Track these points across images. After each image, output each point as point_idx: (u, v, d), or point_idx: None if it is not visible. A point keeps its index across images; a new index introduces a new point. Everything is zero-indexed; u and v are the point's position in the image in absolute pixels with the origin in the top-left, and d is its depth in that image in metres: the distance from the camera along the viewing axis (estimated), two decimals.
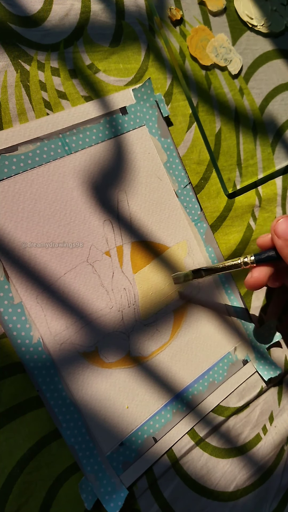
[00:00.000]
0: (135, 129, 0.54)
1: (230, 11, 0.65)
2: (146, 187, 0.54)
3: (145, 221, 0.54)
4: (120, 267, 0.52)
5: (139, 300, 0.53)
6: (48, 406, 0.46)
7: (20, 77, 0.49)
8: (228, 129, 0.63)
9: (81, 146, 0.50)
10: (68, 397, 0.47)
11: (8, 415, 0.45)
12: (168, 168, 0.56)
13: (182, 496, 0.53)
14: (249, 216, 0.64)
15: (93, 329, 0.50)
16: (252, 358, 0.59)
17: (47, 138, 0.49)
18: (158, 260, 0.54)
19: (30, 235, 0.47)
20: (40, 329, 0.47)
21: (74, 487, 0.47)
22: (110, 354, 0.50)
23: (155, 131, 0.55)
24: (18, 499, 0.45)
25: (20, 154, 0.47)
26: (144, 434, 0.51)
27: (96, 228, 0.51)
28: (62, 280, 0.49)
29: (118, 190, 0.52)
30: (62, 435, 0.46)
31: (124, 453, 0.49)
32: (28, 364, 0.45)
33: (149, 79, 0.55)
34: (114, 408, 0.50)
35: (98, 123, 0.52)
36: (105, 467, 0.48)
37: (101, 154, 0.52)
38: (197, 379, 0.55)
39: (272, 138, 0.68)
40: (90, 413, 0.49)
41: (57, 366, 0.47)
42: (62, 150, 0.49)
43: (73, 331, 0.49)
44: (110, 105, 0.53)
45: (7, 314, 0.45)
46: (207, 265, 0.55)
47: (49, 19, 0.51)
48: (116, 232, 0.52)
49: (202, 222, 0.58)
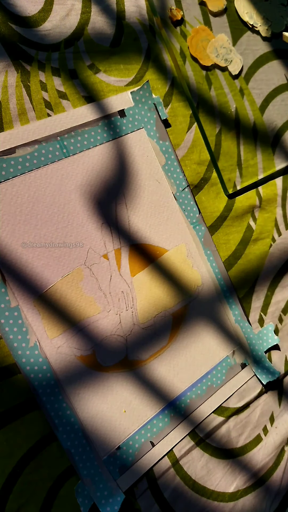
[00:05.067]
0: (134, 132, 0.54)
1: (230, 11, 0.64)
2: (145, 190, 0.54)
3: (143, 224, 0.54)
4: (118, 270, 0.52)
5: (137, 303, 0.52)
6: (44, 410, 0.46)
7: (21, 77, 0.49)
8: (229, 130, 0.63)
9: (79, 149, 0.50)
10: (64, 400, 0.47)
11: (8, 415, 0.45)
12: (166, 171, 0.56)
13: (182, 496, 0.53)
14: (249, 216, 0.64)
15: (90, 333, 0.50)
16: (250, 361, 0.59)
17: (45, 140, 0.48)
18: (157, 263, 0.54)
19: (28, 238, 0.47)
20: (36, 332, 0.47)
21: (74, 487, 0.47)
22: (107, 358, 0.50)
23: (153, 134, 0.55)
24: (18, 499, 0.45)
25: (18, 156, 0.47)
26: (142, 438, 0.51)
27: (94, 231, 0.51)
28: (60, 283, 0.48)
29: (116, 193, 0.52)
30: (58, 438, 0.46)
31: (121, 457, 0.49)
32: (24, 367, 0.45)
33: (147, 82, 0.54)
34: (111, 412, 0.50)
35: (96, 125, 0.51)
36: (102, 471, 0.47)
37: (99, 156, 0.52)
38: (196, 383, 0.55)
39: (272, 139, 0.67)
40: (86, 416, 0.48)
41: (53, 369, 0.47)
42: (60, 153, 0.49)
43: (70, 335, 0.48)
44: (109, 108, 0.53)
45: (3, 318, 0.45)
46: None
47: (49, 19, 0.51)
48: (114, 235, 0.52)
49: (200, 225, 0.57)
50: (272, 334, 0.62)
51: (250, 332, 0.60)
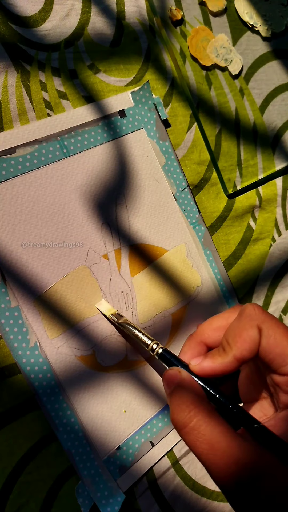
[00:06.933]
0: (134, 132, 0.54)
1: (230, 11, 0.64)
2: (145, 190, 0.54)
3: (143, 224, 0.54)
4: (118, 270, 0.52)
5: (137, 303, 0.52)
6: (44, 410, 0.46)
7: (21, 77, 0.49)
8: (229, 130, 0.63)
9: (79, 149, 0.50)
10: (64, 401, 0.47)
11: (8, 415, 0.45)
12: (166, 171, 0.56)
13: (182, 496, 0.53)
14: (249, 216, 0.64)
15: (90, 333, 0.50)
16: None
17: (46, 140, 0.48)
18: (156, 264, 0.54)
19: (28, 238, 0.47)
20: (37, 332, 0.46)
21: (75, 487, 0.47)
22: (107, 358, 0.50)
23: (153, 134, 0.55)
24: (18, 499, 0.45)
25: (19, 156, 0.47)
26: (142, 438, 0.51)
27: (94, 231, 0.51)
28: (60, 284, 0.48)
29: (116, 193, 0.52)
30: (58, 439, 0.46)
31: (121, 458, 0.49)
32: (24, 368, 0.45)
33: (148, 82, 0.54)
34: (111, 412, 0.50)
35: (96, 125, 0.51)
36: (102, 472, 0.47)
37: (100, 157, 0.52)
38: None
39: (272, 139, 0.67)
40: (86, 417, 0.48)
41: (54, 370, 0.47)
42: (61, 153, 0.49)
43: (70, 335, 0.48)
44: (109, 108, 0.53)
45: (3, 318, 0.45)
46: (129, 322, 0.48)
47: (49, 19, 0.51)
48: (114, 235, 0.52)
49: (200, 225, 0.57)
50: None
51: None
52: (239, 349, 0.35)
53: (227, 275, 0.59)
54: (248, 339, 0.35)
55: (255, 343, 0.35)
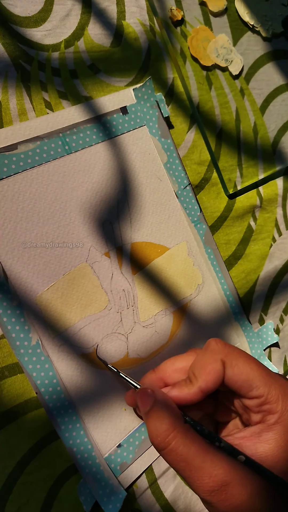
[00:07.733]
0: (136, 129, 0.54)
1: (231, 11, 0.65)
2: (146, 187, 0.54)
3: (145, 222, 0.54)
4: (119, 268, 0.52)
5: (138, 301, 0.52)
6: (46, 408, 0.46)
7: (21, 77, 0.49)
8: (229, 130, 0.63)
9: (81, 146, 0.50)
10: (66, 399, 0.47)
11: (8, 415, 0.45)
12: (168, 169, 0.56)
13: (182, 496, 0.53)
14: (250, 216, 0.64)
15: (91, 331, 0.50)
16: None
17: (47, 137, 0.48)
18: (158, 262, 0.54)
19: (30, 236, 0.47)
20: (38, 330, 0.46)
21: (75, 488, 0.47)
22: (108, 356, 0.50)
23: (155, 131, 0.55)
24: (18, 500, 0.44)
25: (20, 153, 0.47)
26: (142, 436, 0.51)
27: (95, 228, 0.51)
28: (61, 282, 0.48)
29: (118, 191, 0.52)
30: (60, 437, 0.46)
31: (122, 455, 0.49)
32: (26, 366, 0.45)
33: (150, 79, 0.55)
34: (112, 410, 0.50)
35: (98, 122, 0.51)
36: (103, 469, 0.47)
37: (101, 154, 0.52)
38: None
39: (273, 139, 0.68)
40: (88, 415, 0.48)
41: (55, 367, 0.47)
42: (62, 150, 0.49)
43: (72, 333, 0.48)
44: (111, 105, 0.53)
45: (5, 316, 0.45)
46: (114, 367, 0.49)
47: (50, 19, 0.51)
48: (116, 233, 0.52)
49: (201, 223, 0.57)
50: (272, 332, 0.62)
51: (250, 330, 0.60)
52: (204, 381, 0.39)
53: (228, 273, 0.59)
54: (212, 372, 0.39)
55: (218, 376, 0.39)
